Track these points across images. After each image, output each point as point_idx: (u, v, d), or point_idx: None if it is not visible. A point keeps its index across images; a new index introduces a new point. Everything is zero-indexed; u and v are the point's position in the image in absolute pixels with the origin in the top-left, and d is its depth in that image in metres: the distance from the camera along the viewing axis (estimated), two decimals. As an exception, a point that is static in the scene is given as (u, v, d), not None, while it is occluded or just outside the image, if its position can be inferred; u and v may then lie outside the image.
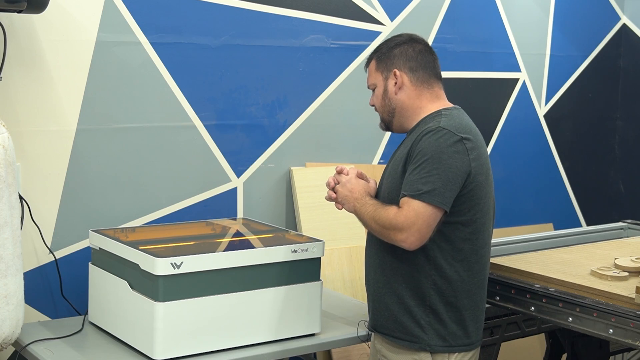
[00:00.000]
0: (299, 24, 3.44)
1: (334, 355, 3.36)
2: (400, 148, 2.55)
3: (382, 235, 2.41)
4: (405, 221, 2.33)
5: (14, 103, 2.80)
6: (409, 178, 2.37)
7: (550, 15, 4.33)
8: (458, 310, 2.45)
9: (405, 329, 2.45)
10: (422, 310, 2.43)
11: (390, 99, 2.53)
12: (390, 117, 2.56)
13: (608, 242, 3.37)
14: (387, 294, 2.49)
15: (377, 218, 2.40)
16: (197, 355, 2.49)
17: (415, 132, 2.48)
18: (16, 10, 2.60)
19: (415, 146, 2.40)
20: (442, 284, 2.43)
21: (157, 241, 2.74)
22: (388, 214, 2.37)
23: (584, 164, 4.61)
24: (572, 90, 4.49)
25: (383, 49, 2.58)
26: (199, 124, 3.22)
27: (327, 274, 3.37)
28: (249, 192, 3.37)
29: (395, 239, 2.36)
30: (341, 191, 2.52)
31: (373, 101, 2.60)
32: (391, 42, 2.58)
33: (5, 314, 2.36)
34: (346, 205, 2.51)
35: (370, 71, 2.60)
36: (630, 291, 2.49)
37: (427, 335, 2.43)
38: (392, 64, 2.53)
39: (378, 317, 2.53)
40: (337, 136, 3.61)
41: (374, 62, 2.58)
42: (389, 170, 2.54)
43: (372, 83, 2.59)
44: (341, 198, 2.52)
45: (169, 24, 3.11)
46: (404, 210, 2.34)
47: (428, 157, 2.35)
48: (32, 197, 2.82)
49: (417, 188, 2.33)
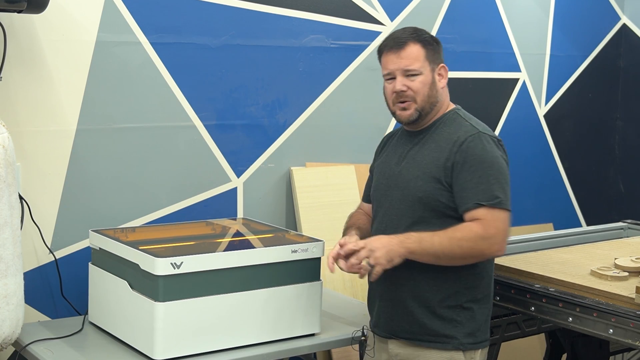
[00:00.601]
0: (299, 24, 3.44)
1: (334, 355, 3.36)
2: (418, 149, 2.49)
3: (470, 256, 2.37)
4: (496, 231, 2.35)
5: (14, 103, 2.80)
6: (474, 187, 2.36)
7: (550, 15, 4.33)
8: (485, 305, 2.49)
9: (435, 331, 2.44)
10: (452, 310, 2.43)
11: (438, 91, 2.51)
12: (430, 109, 2.50)
13: (608, 242, 3.37)
14: (411, 298, 2.46)
15: (459, 241, 2.34)
16: (197, 355, 2.49)
17: (437, 133, 2.48)
18: (16, 10, 2.60)
19: (464, 153, 2.39)
20: (474, 281, 2.45)
21: (157, 241, 2.74)
22: (472, 231, 2.34)
23: (584, 164, 4.61)
24: (572, 90, 4.49)
25: (428, 38, 2.51)
26: (199, 124, 3.22)
27: (327, 274, 3.37)
28: (249, 192, 3.37)
29: (490, 251, 2.37)
30: (376, 255, 2.32)
31: (410, 86, 2.48)
32: (429, 34, 2.54)
33: (5, 314, 2.36)
34: (395, 258, 2.34)
35: (416, 55, 2.48)
36: (630, 291, 2.49)
37: (459, 334, 2.43)
38: (439, 58, 2.52)
39: (398, 322, 2.50)
40: (337, 136, 3.61)
41: (422, 48, 2.49)
42: (414, 173, 2.47)
43: (417, 68, 2.48)
44: (382, 259, 2.33)
45: (169, 24, 3.11)
46: (491, 221, 2.34)
47: (487, 163, 2.38)
48: (32, 197, 2.82)
49: (494, 196, 2.35)
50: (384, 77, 2.57)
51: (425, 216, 2.44)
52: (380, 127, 3.74)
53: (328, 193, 3.40)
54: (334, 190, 3.50)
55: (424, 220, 2.44)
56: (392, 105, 2.56)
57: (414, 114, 2.50)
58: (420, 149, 2.52)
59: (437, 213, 2.43)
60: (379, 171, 2.65)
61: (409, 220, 2.46)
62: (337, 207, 3.44)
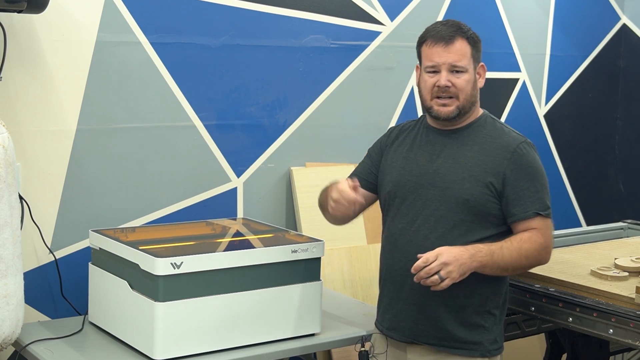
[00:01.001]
0: (299, 24, 3.44)
1: (334, 355, 3.36)
2: (461, 148, 2.45)
3: (530, 266, 2.44)
4: (551, 241, 2.43)
5: (14, 103, 2.80)
6: (531, 195, 2.38)
7: (550, 15, 4.33)
8: (504, 311, 2.51)
9: (462, 338, 2.42)
10: (480, 317, 2.42)
11: (477, 91, 2.49)
12: (468, 109, 2.47)
13: (608, 242, 3.37)
14: (441, 303, 2.41)
15: (526, 252, 2.37)
16: (197, 355, 2.49)
17: (478, 136, 2.46)
18: (16, 10, 2.60)
19: (518, 161, 2.40)
20: (499, 287, 2.46)
21: (157, 241, 2.74)
22: (537, 242, 2.38)
23: (584, 164, 4.61)
24: (572, 90, 4.49)
25: (474, 36, 2.47)
26: (199, 124, 3.22)
27: (327, 274, 3.37)
28: (249, 192, 3.37)
29: (545, 260, 2.44)
30: (449, 269, 2.26)
31: (455, 82, 2.43)
32: (470, 29, 2.49)
33: (5, 314, 2.36)
34: (467, 273, 2.30)
35: (463, 52, 2.43)
36: (630, 291, 2.49)
37: (486, 340, 2.43)
38: (479, 58, 2.49)
39: (424, 327, 2.45)
40: (337, 136, 3.61)
41: (469, 45, 2.45)
42: (459, 174, 2.41)
43: (464, 65, 2.43)
44: (455, 274, 2.27)
45: (169, 24, 3.11)
46: (546, 230, 2.41)
47: (540, 172, 2.42)
48: (32, 197, 2.82)
49: (547, 206, 2.42)
50: (426, 69, 2.47)
51: (466, 220, 2.40)
52: (381, 127, 3.73)
53: (328, 193, 3.39)
54: (334, 190, 3.50)
55: (463, 224, 2.40)
56: (429, 100, 2.47)
57: (454, 111, 2.44)
58: (460, 150, 2.46)
59: (478, 217, 2.40)
60: (400, 165, 2.54)
61: (449, 223, 2.40)
62: (337, 207, 3.43)
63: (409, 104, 3.80)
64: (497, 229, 2.42)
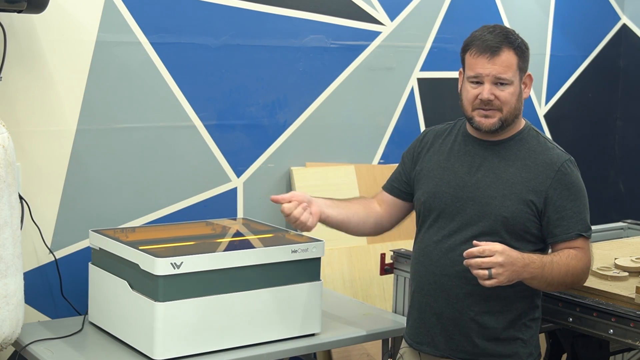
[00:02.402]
0: (299, 24, 3.44)
1: (334, 355, 3.36)
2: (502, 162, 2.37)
3: (575, 284, 2.40)
4: (590, 262, 2.39)
5: (14, 103, 2.80)
6: (575, 216, 2.35)
7: (550, 15, 4.33)
8: (539, 320, 2.48)
9: (497, 352, 2.38)
10: (517, 330, 2.38)
11: (521, 103, 2.39)
12: (512, 121, 2.38)
13: (608, 242, 3.37)
14: (473, 319, 2.36)
15: (574, 270, 2.33)
16: (197, 355, 2.49)
17: (521, 150, 2.38)
18: (16, 10, 2.60)
19: (563, 180, 2.35)
20: (536, 300, 2.44)
21: (157, 241, 2.73)
22: (582, 261, 2.36)
23: (584, 164, 4.59)
24: (572, 90, 4.49)
25: (521, 45, 2.37)
26: (199, 124, 3.22)
27: (327, 274, 3.37)
28: (249, 192, 3.37)
29: (585, 279, 2.41)
30: (500, 271, 2.17)
31: (499, 95, 2.34)
32: (519, 37, 2.39)
33: (5, 314, 2.36)
34: (514, 281, 2.22)
35: (510, 63, 2.33)
36: (630, 291, 2.49)
37: (522, 352, 2.39)
38: (527, 67, 2.39)
39: (458, 343, 2.38)
40: (337, 136, 3.61)
41: (515, 56, 2.35)
42: (501, 191, 2.33)
43: (509, 78, 2.34)
44: (503, 277, 2.18)
45: (169, 24, 3.11)
46: (587, 252, 2.38)
47: (582, 192, 2.41)
48: (32, 197, 2.82)
49: (589, 227, 2.40)
50: (468, 78, 2.38)
51: (504, 237, 2.32)
52: (381, 127, 3.74)
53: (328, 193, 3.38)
54: (334, 190, 3.50)
55: (502, 241, 2.28)
56: (470, 110, 2.38)
57: (496, 124, 2.35)
58: (501, 164, 2.38)
59: (517, 235, 2.33)
60: (437, 176, 2.45)
61: (487, 239, 2.26)
62: (337, 207, 3.43)
63: (409, 104, 3.80)
64: (534, 246, 2.37)
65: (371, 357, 3.40)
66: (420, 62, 3.80)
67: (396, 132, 3.78)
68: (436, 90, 3.89)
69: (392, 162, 3.76)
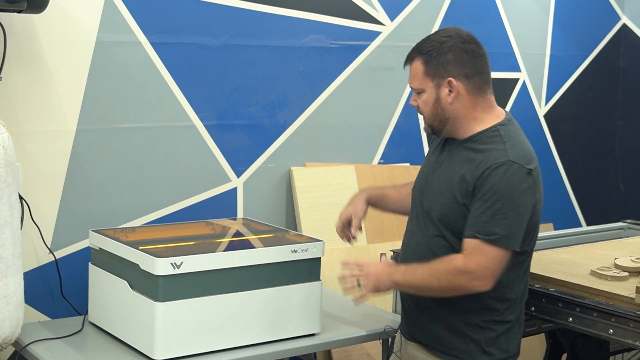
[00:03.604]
0: (299, 24, 3.44)
1: (334, 355, 3.36)
2: (451, 160, 2.39)
3: (449, 289, 2.30)
4: (477, 267, 2.25)
5: (14, 103, 2.80)
6: (478, 216, 2.25)
7: (550, 15, 4.33)
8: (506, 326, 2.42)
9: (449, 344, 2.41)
10: (469, 328, 2.39)
11: (444, 108, 2.35)
12: (441, 126, 2.38)
13: (608, 242, 3.37)
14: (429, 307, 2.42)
15: (438, 273, 2.29)
16: (197, 355, 2.49)
17: (472, 150, 2.33)
18: (16, 10, 2.60)
19: (484, 180, 2.26)
20: (493, 303, 2.38)
21: (157, 241, 2.74)
22: (452, 264, 2.27)
23: (584, 164, 4.61)
24: (572, 90, 4.49)
25: (432, 52, 2.34)
26: (199, 124, 3.22)
27: (327, 274, 3.37)
28: (249, 192, 3.37)
29: (468, 286, 2.26)
30: (365, 283, 2.39)
31: (418, 104, 2.40)
32: (441, 42, 2.34)
33: (5, 314, 2.36)
34: (382, 288, 2.39)
35: (415, 73, 2.37)
36: (630, 291, 2.49)
37: (473, 350, 2.39)
38: (446, 71, 2.32)
39: (419, 329, 2.48)
40: (337, 136, 3.61)
41: (422, 65, 2.35)
42: (441, 189, 2.37)
43: (418, 88, 2.37)
44: (369, 287, 2.39)
45: (169, 24, 3.11)
46: (475, 257, 2.25)
47: (500, 196, 2.24)
48: (32, 197, 2.82)
49: (492, 232, 2.23)
50: None
51: (446, 234, 2.36)
52: (380, 127, 3.74)
53: (328, 193, 3.41)
54: (334, 190, 3.50)
55: (445, 237, 2.36)
56: None
57: (427, 129, 2.44)
58: (452, 162, 2.39)
59: (455, 233, 2.34)
60: (420, 169, 2.54)
61: (433, 232, 2.39)
62: (337, 207, 3.41)
63: (409, 104, 3.80)
64: None
65: (371, 357, 3.40)
66: (420, 62, 3.80)
67: (396, 132, 3.78)
68: (436, 90, 3.89)
69: (392, 162, 3.77)
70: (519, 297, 2.45)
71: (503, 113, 2.42)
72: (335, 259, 3.44)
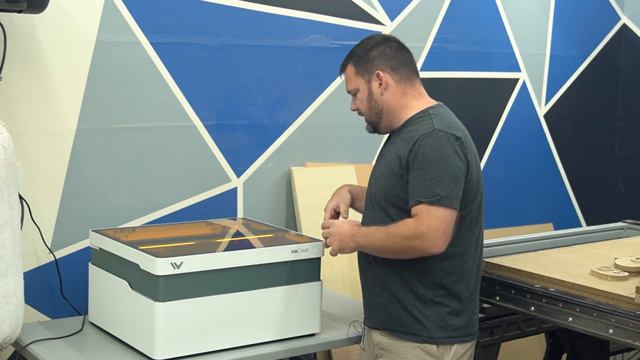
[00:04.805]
0: (299, 24, 3.44)
1: (334, 356, 3.36)
2: (389, 148, 2.56)
3: (404, 251, 2.39)
4: (428, 228, 2.34)
5: (14, 103, 2.80)
6: (418, 184, 2.38)
7: (550, 15, 4.33)
8: (459, 301, 2.48)
9: (406, 322, 2.47)
10: (423, 304, 2.45)
11: (377, 100, 2.55)
12: (378, 119, 2.58)
13: (608, 242, 3.37)
14: (384, 290, 2.52)
15: (393, 237, 2.40)
16: (197, 355, 2.49)
17: (405, 132, 2.50)
18: (16, 10, 2.60)
19: (416, 151, 2.40)
20: (444, 276, 2.45)
21: (157, 241, 2.74)
22: (406, 227, 2.38)
23: (584, 164, 4.61)
24: (572, 90, 4.49)
25: (359, 53, 2.57)
26: (199, 124, 3.22)
27: (327, 274, 3.37)
28: (249, 192, 3.37)
29: (422, 247, 2.36)
30: (330, 240, 2.56)
31: (357, 105, 2.61)
32: (366, 44, 2.58)
33: (5, 314, 2.36)
34: (346, 249, 2.54)
35: (348, 77, 2.60)
36: (630, 291, 2.49)
37: (431, 327, 2.45)
38: (373, 66, 2.54)
39: (378, 313, 2.55)
40: (337, 136, 3.61)
41: (352, 67, 2.58)
42: (381, 171, 2.54)
43: (353, 88, 2.59)
44: (334, 244, 2.55)
45: (169, 24, 3.11)
46: (425, 218, 2.35)
47: (434, 161, 2.37)
48: (32, 197, 2.82)
49: (435, 193, 2.35)
50: None
51: (392, 211, 2.48)
52: (380, 127, 3.74)
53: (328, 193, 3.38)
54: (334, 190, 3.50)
55: (393, 215, 2.47)
56: None
57: (369, 128, 2.63)
58: (388, 148, 2.57)
59: (399, 209, 2.46)
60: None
61: (381, 214, 2.51)
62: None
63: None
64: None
65: (371, 357, 3.40)
66: (420, 62, 3.80)
67: (396, 132, 3.77)
68: (436, 90, 3.87)
69: (392, 162, 3.76)
70: (470, 271, 2.50)
71: (435, 102, 2.58)
72: (335, 259, 3.43)
